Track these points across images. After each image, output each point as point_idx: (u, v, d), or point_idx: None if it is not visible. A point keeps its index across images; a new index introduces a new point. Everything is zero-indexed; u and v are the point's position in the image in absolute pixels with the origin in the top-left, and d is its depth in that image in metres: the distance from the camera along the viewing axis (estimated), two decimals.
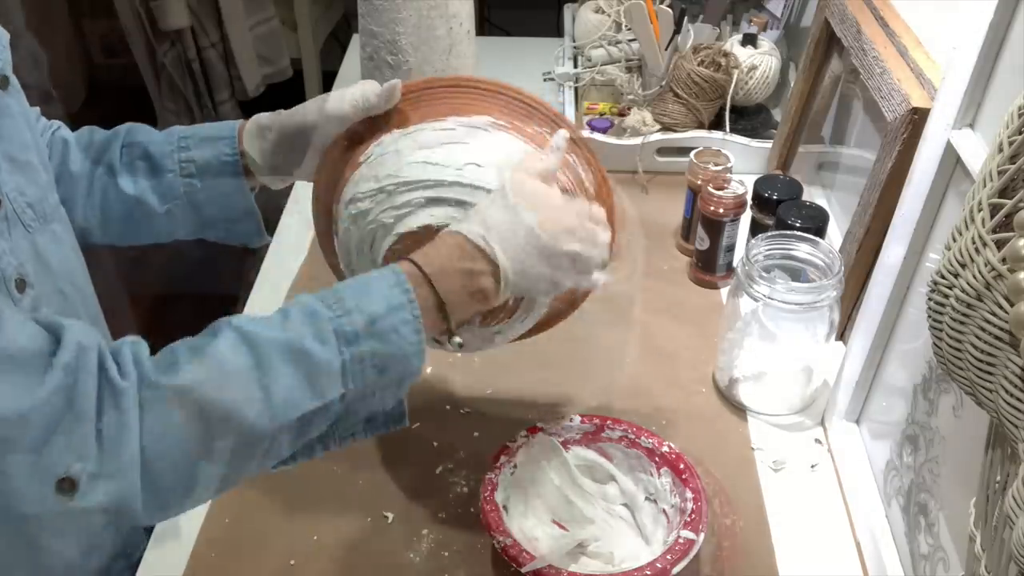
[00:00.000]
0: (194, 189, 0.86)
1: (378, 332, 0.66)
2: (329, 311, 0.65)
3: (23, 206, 0.73)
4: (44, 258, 0.74)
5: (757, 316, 0.95)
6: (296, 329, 0.64)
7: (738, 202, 1.13)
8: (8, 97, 0.72)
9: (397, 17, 1.14)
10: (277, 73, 2.74)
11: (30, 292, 0.71)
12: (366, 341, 0.65)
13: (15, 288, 0.69)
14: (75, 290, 0.78)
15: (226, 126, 0.87)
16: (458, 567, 0.85)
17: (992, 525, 0.57)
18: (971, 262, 0.57)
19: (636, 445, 0.88)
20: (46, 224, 0.75)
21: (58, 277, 0.76)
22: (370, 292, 0.67)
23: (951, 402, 0.74)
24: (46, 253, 0.75)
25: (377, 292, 0.67)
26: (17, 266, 0.70)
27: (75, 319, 0.76)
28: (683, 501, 0.83)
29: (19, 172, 0.73)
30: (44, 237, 0.75)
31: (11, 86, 0.73)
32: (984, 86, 0.73)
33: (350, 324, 0.65)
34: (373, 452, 0.96)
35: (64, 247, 0.78)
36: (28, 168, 0.74)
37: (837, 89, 1.29)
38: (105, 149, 0.87)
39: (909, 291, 0.85)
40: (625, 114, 1.43)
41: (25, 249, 0.72)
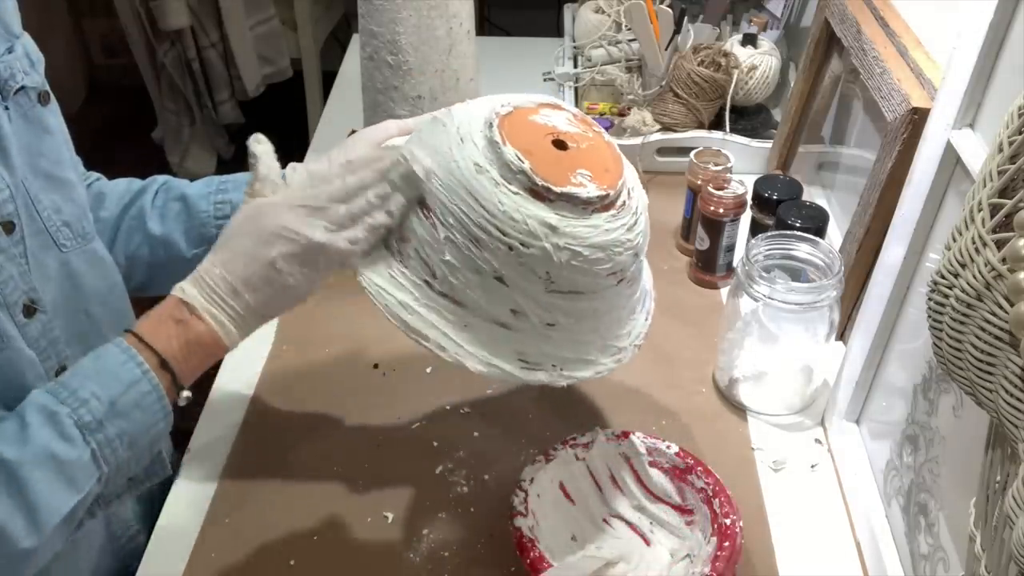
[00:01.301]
0: None
1: (120, 412, 0.65)
2: (65, 407, 0.64)
3: (59, 224, 0.72)
4: (76, 279, 0.74)
5: (757, 316, 0.95)
6: (38, 437, 0.63)
7: (738, 202, 1.13)
8: (48, 113, 0.72)
9: (397, 17, 1.14)
10: (277, 73, 2.75)
11: (41, 317, 0.71)
12: (111, 424, 0.65)
13: (22, 313, 0.69)
14: (107, 311, 0.77)
15: None
16: (458, 567, 0.85)
17: (992, 525, 0.57)
18: (971, 262, 0.57)
19: (708, 503, 0.84)
20: (84, 243, 0.75)
21: (88, 298, 0.75)
22: (102, 374, 0.66)
23: (951, 402, 0.74)
24: (79, 273, 0.74)
25: (109, 373, 0.66)
26: (27, 291, 0.69)
27: (99, 342, 0.76)
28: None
29: (56, 190, 0.72)
30: (80, 257, 0.74)
31: (51, 103, 0.73)
32: (984, 86, 0.73)
33: (89, 413, 0.64)
34: (373, 452, 0.96)
35: (104, 267, 0.78)
36: (67, 186, 0.73)
37: (837, 89, 1.29)
38: (140, 195, 0.87)
39: (909, 291, 0.85)
40: (625, 114, 1.43)
41: (51, 269, 0.72)
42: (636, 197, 0.72)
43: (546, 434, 0.97)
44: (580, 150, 0.71)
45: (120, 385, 0.65)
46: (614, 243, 0.69)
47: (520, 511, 0.82)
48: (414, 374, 1.05)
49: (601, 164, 0.70)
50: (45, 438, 0.63)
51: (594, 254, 0.68)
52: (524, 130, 0.69)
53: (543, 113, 0.72)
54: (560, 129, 0.71)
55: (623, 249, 0.70)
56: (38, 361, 0.70)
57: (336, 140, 0.88)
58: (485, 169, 0.67)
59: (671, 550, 0.85)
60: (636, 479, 0.89)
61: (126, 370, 0.66)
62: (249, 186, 0.72)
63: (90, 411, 0.64)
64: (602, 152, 0.72)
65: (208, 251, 0.78)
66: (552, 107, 0.74)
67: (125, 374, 0.66)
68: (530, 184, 0.66)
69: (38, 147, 0.71)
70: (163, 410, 0.67)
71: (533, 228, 0.66)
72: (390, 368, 1.05)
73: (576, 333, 0.72)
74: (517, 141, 0.68)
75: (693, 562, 0.82)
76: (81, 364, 0.67)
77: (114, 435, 0.65)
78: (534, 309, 0.70)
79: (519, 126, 0.69)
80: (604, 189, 0.68)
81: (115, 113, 3.11)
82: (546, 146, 0.70)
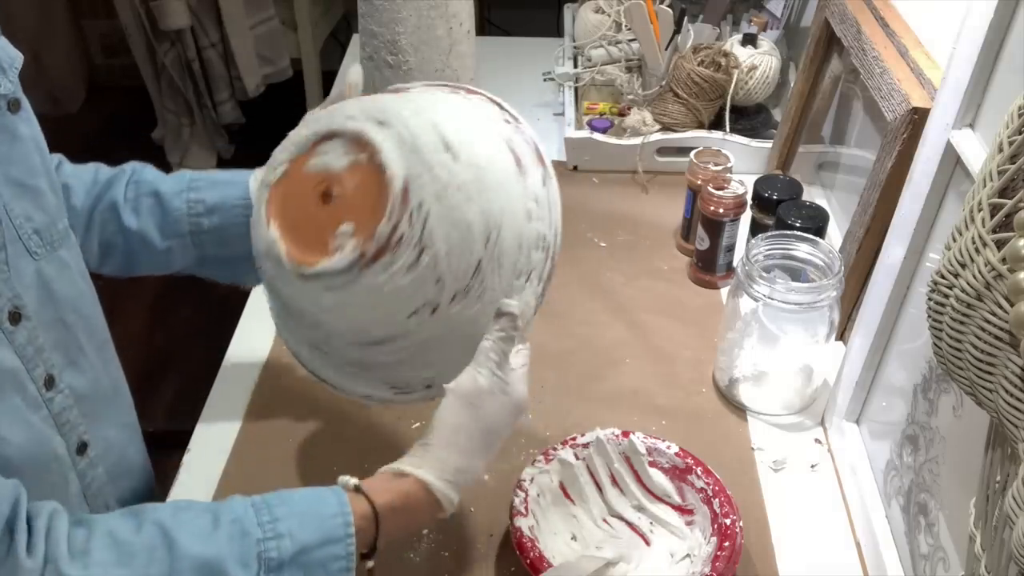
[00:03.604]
0: (199, 228, 0.87)
1: (304, 563, 0.64)
2: (259, 531, 0.64)
3: (29, 232, 0.72)
4: (49, 286, 0.74)
5: (757, 316, 0.95)
6: (221, 546, 0.62)
7: (738, 202, 1.13)
8: (18, 120, 0.72)
9: (397, 17, 1.14)
10: (277, 73, 2.75)
11: (26, 324, 0.70)
12: (289, 570, 0.64)
13: (8, 320, 0.69)
14: (80, 319, 0.77)
15: (239, 172, 0.89)
16: (458, 567, 0.85)
17: (992, 525, 0.57)
18: (971, 262, 0.57)
19: (708, 503, 0.84)
20: (53, 251, 0.75)
21: (62, 306, 0.75)
22: (308, 516, 0.65)
23: (951, 402, 0.74)
24: (51, 281, 0.74)
25: (315, 518, 0.65)
26: (12, 298, 0.69)
27: (76, 350, 0.76)
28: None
29: (27, 197, 0.72)
30: (51, 265, 0.74)
31: (22, 109, 0.72)
32: (984, 86, 0.73)
33: (277, 551, 0.64)
34: (374, 452, 0.96)
35: (71, 274, 0.77)
36: (36, 193, 0.73)
37: (837, 89, 1.29)
38: (109, 186, 0.88)
39: (909, 291, 0.85)
40: (625, 114, 1.43)
41: (28, 277, 0.72)
42: (423, 216, 0.65)
43: (546, 434, 0.97)
44: (344, 197, 0.68)
45: (319, 536, 0.65)
46: (392, 293, 0.66)
47: (520, 511, 0.82)
48: None
49: (368, 204, 0.66)
50: (226, 551, 0.62)
51: (373, 312, 0.68)
52: (293, 193, 0.71)
53: (319, 152, 0.70)
54: (330, 171, 0.69)
55: (409, 291, 0.66)
56: (25, 369, 0.70)
57: None
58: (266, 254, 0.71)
59: (671, 550, 0.85)
60: (636, 479, 0.89)
61: (332, 525, 0.65)
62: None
63: (279, 548, 0.64)
64: (369, 187, 0.66)
65: (180, 243, 0.87)
66: (327, 138, 0.70)
67: (330, 528, 0.65)
68: (289, 269, 0.69)
69: (7, 155, 0.70)
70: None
71: (307, 307, 0.70)
72: None
73: (429, 357, 0.71)
74: (285, 214, 0.71)
75: (693, 562, 0.82)
76: (294, 495, 0.67)
77: None
78: (369, 358, 0.72)
79: (290, 189, 0.71)
80: (360, 247, 0.65)
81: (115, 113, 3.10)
82: (311, 207, 0.69)
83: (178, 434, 1.00)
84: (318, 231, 0.68)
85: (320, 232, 0.68)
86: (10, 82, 0.71)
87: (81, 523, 0.62)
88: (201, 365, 1.20)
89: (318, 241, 0.68)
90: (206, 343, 1.25)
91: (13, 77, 0.71)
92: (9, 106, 0.71)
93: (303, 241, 0.69)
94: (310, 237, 0.68)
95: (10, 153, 0.70)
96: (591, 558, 0.81)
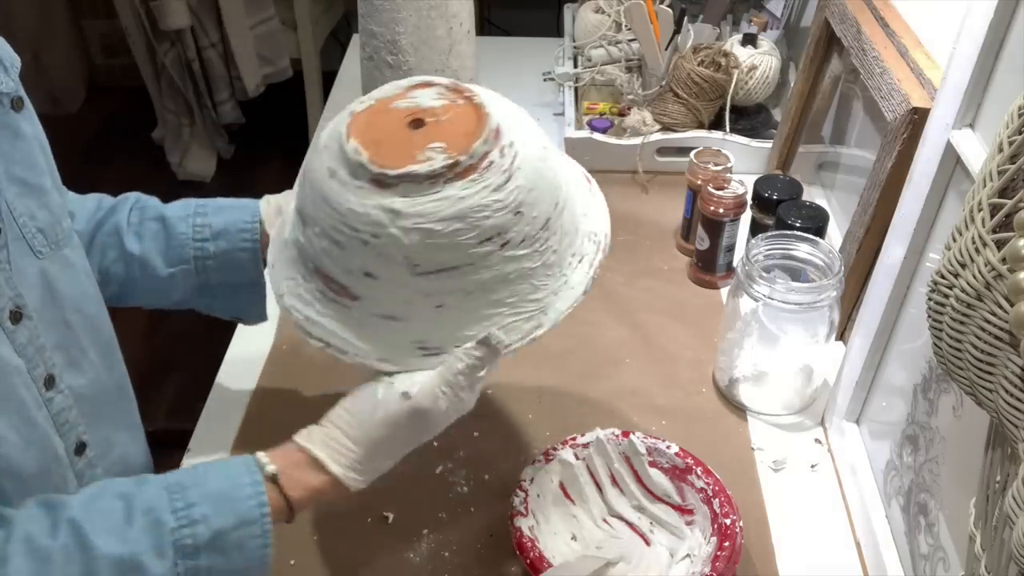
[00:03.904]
0: (204, 254, 0.86)
1: (221, 546, 0.65)
2: (173, 519, 0.64)
3: (33, 231, 0.72)
4: (52, 286, 0.74)
5: (757, 316, 0.95)
6: (135, 541, 0.63)
7: (738, 202, 1.13)
8: (21, 119, 0.72)
9: (397, 17, 1.14)
10: (277, 73, 2.75)
11: (27, 323, 0.70)
12: (207, 555, 0.64)
13: (9, 319, 0.68)
14: (84, 319, 0.77)
15: (248, 200, 0.89)
16: (458, 567, 0.85)
17: (992, 525, 0.57)
18: (971, 262, 0.57)
19: (708, 503, 0.84)
20: (58, 250, 0.75)
21: (65, 306, 0.75)
22: (223, 500, 0.65)
23: (951, 402, 0.74)
24: (55, 281, 0.74)
25: (229, 501, 0.65)
26: (13, 297, 0.69)
27: (78, 350, 0.76)
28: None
29: (30, 196, 0.72)
30: (55, 264, 0.74)
31: (25, 108, 0.72)
32: (984, 86, 0.73)
33: (192, 538, 0.64)
34: None
35: (76, 273, 0.77)
36: (40, 192, 0.73)
37: (837, 89, 1.29)
38: (113, 212, 0.87)
39: (909, 291, 0.85)
40: (625, 114, 1.43)
41: (31, 276, 0.72)
42: (514, 153, 0.68)
43: (546, 434, 0.97)
44: (438, 123, 0.70)
45: (234, 519, 0.65)
46: (473, 209, 0.66)
47: (520, 511, 0.82)
48: None
49: (462, 130, 0.68)
50: (142, 546, 0.63)
51: (449, 226, 0.66)
52: (380, 120, 0.70)
53: (409, 96, 0.72)
54: (423, 106, 0.71)
55: (490, 212, 0.66)
56: (25, 369, 0.70)
57: None
58: (335, 171, 0.68)
59: (671, 550, 0.85)
60: (636, 479, 0.89)
61: (247, 507, 0.66)
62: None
63: (195, 535, 0.64)
64: (464, 119, 0.70)
65: (184, 270, 0.85)
66: (422, 86, 0.73)
67: (244, 510, 0.66)
68: (370, 175, 0.67)
69: (11, 153, 0.70)
70: (262, 558, 0.67)
71: (377, 218, 0.66)
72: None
73: (470, 310, 0.70)
74: (367, 134, 0.69)
75: (693, 562, 0.82)
76: (209, 474, 0.67)
77: (204, 567, 0.65)
78: (412, 296, 0.69)
79: (375, 117, 0.71)
80: (452, 157, 0.66)
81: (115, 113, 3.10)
82: (400, 130, 0.70)
83: (178, 434, 1.00)
84: (405, 147, 0.68)
85: (407, 148, 0.68)
86: (12, 80, 0.71)
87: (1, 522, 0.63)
88: (201, 365, 1.20)
89: (404, 155, 0.67)
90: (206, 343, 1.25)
91: (15, 76, 0.71)
92: (12, 104, 0.71)
93: (387, 153, 0.67)
94: (395, 151, 0.67)
95: (13, 151, 0.70)
96: (591, 558, 0.81)
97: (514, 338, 0.70)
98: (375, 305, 0.70)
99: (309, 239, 0.71)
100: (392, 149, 0.67)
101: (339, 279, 0.70)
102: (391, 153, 0.67)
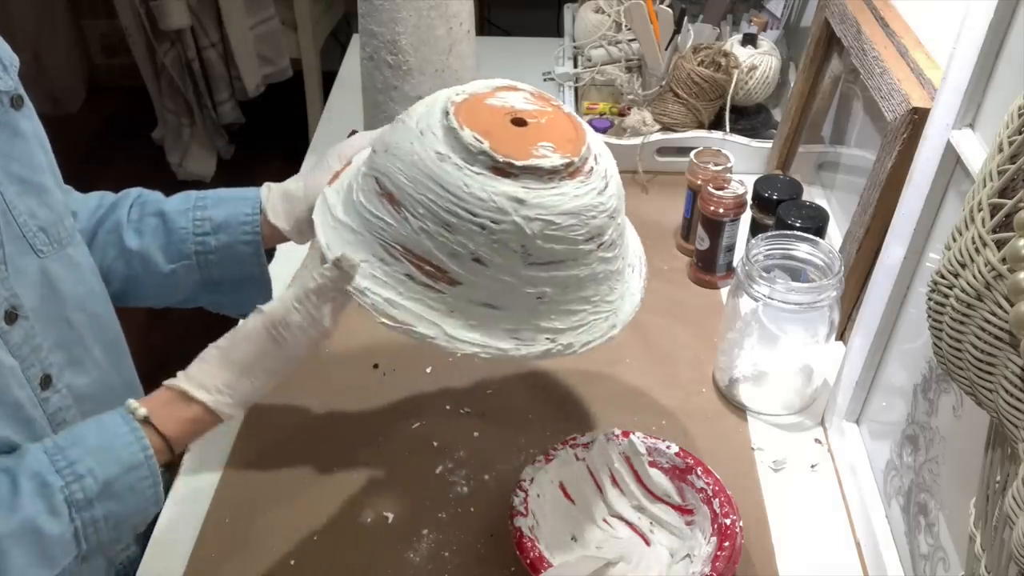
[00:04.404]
0: (206, 248, 0.85)
1: (113, 494, 0.66)
2: (59, 478, 0.64)
3: (34, 230, 0.72)
4: (54, 285, 0.74)
5: (757, 316, 0.95)
6: (26, 508, 0.63)
7: (738, 202, 1.13)
8: (21, 117, 0.72)
9: (397, 17, 1.14)
10: (277, 73, 2.75)
11: (23, 323, 0.70)
12: (100, 504, 0.65)
13: (3, 320, 0.69)
14: (87, 318, 0.77)
15: (248, 190, 0.88)
16: (458, 567, 0.85)
17: (992, 525, 0.57)
18: (971, 262, 0.57)
19: (708, 503, 0.84)
20: (60, 249, 0.75)
21: (67, 304, 0.75)
22: (103, 452, 0.66)
23: (951, 402, 0.74)
24: (57, 280, 0.74)
25: (111, 452, 0.66)
26: (8, 297, 0.69)
27: (80, 349, 0.76)
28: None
29: (31, 194, 0.72)
30: (57, 263, 0.74)
31: (25, 107, 0.72)
32: (984, 86, 0.73)
33: (82, 490, 0.65)
34: (373, 452, 0.96)
35: (80, 272, 0.77)
36: (41, 191, 0.73)
37: (837, 89, 1.29)
38: (113, 208, 0.86)
39: (909, 291, 0.85)
40: (625, 114, 1.43)
41: (31, 275, 0.72)
42: (604, 162, 0.73)
43: (546, 434, 0.97)
44: (540, 125, 0.72)
45: (119, 467, 0.66)
46: (586, 208, 0.70)
47: (520, 511, 0.82)
48: (414, 374, 1.05)
49: (563, 135, 0.72)
50: (33, 511, 0.63)
51: (567, 221, 0.69)
52: (481, 113, 0.71)
53: (499, 96, 0.74)
54: (518, 108, 0.73)
55: (596, 213, 0.70)
56: (19, 369, 0.70)
57: (336, 140, 0.89)
58: (447, 156, 0.68)
59: (671, 550, 0.85)
60: (636, 479, 0.89)
61: (129, 453, 0.67)
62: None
63: (83, 488, 0.65)
64: (562, 124, 0.73)
65: (185, 266, 0.84)
66: (508, 89, 0.75)
67: (127, 456, 0.67)
68: (492, 163, 0.67)
69: (10, 152, 0.70)
70: (155, 496, 0.68)
71: (501, 204, 0.67)
72: (390, 368, 1.05)
73: (564, 304, 0.72)
74: (475, 124, 0.69)
75: (693, 562, 0.82)
76: (85, 431, 0.68)
77: (101, 516, 0.66)
78: (517, 285, 0.70)
79: (476, 110, 0.71)
80: (568, 157, 0.69)
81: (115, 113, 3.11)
82: (505, 125, 0.71)
83: None
84: (517, 142, 0.70)
85: (519, 143, 0.69)
86: (11, 79, 0.71)
87: None
88: None
89: (520, 149, 0.69)
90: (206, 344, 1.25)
91: (14, 75, 0.71)
92: (12, 102, 0.71)
93: (503, 144, 0.69)
94: (508, 144, 0.69)
95: (12, 149, 0.70)
96: (591, 558, 0.81)
97: (595, 335, 0.75)
98: (476, 291, 0.70)
99: (400, 221, 0.70)
100: (505, 142, 0.69)
101: (439, 263, 0.69)
102: (506, 145, 0.69)
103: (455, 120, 0.69)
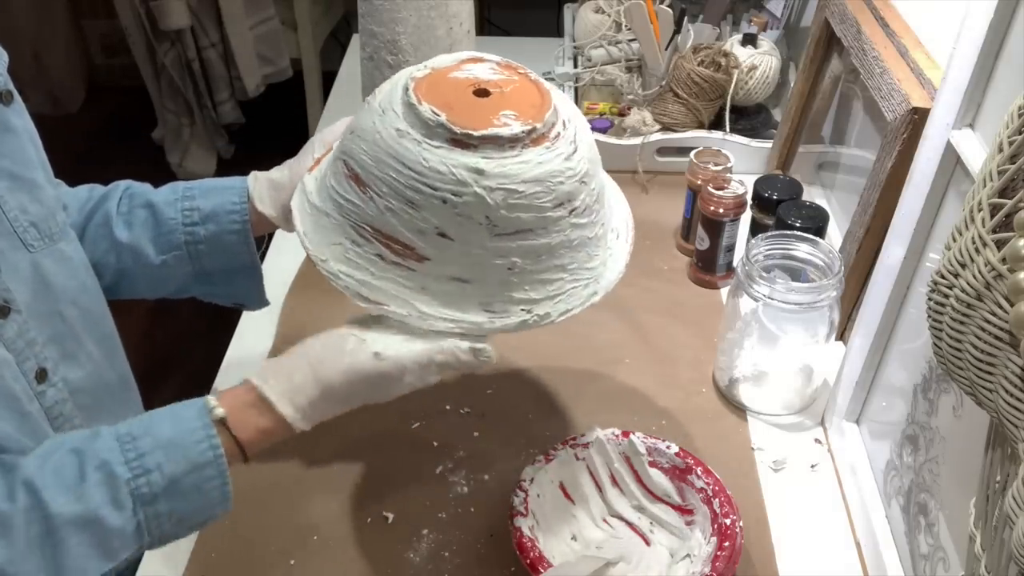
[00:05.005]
0: (196, 238, 0.85)
1: (179, 491, 0.65)
2: (127, 470, 0.64)
3: (25, 225, 0.72)
4: (46, 279, 0.74)
5: (757, 316, 0.95)
6: (91, 496, 0.63)
7: (738, 202, 1.13)
8: (10, 113, 0.71)
9: (397, 17, 1.14)
10: (277, 73, 2.75)
11: (16, 318, 0.70)
12: (165, 500, 0.65)
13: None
14: (80, 312, 0.77)
15: (235, 179, 0.88)
16: (458, 567, 0.85)
17: (992, 525, 0.57)
18: (971, 262, 0.57)
19: (708, 503, 0.84)
20: (52, 244, 0.74)
21: (59, 299, 0.75)
22: (174, 447, 0.65)
23: (951, 402, 0.74)
24: (49, 274, 0.74)
25: (180, 448, 0.66)
26: (1, 291, 0.69)
27: (74, 343, 0.76)
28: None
29: (22, 190, 0.72)
30: (49, 257, 0.74)
31: (15, 102, 0.72)
32: (984, 86, 0.73)
33: (148, 486, 0.64)
34: (373, 452, 0.96)
35: (73, 267, 0.77)
36: (32, 186, 0.73)
37: (837, 89, 1.29)
38: (103, 201, 0.86)
39: (909, 291, 0.85)
40: (625, 114, 1.43)
41: (23, 270, 0.71)
42: (573, 127, 0.72)
43: (546, 434, 0.97)
44: (503, 94, 0.72)
45: (187, 465, 0.66)
46: (551, 174, 0.69)
47: (520, 511, 0.82)
48: None
49: (527, 102, 0.71)
50: (97, 500, 0.63)
51: (531, 188, 0.68)
52: (442, 87, 0.71)
53: (465, 68, 0.74)
54: (482, 79, 0.73)
55: (564, 178, 0.69)
56: (15, 363, 0.70)
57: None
58: (406, 132, 0.68)
59: (671, 550, 0.85)
60: (636, 479, 0.89)
61: (199, 451, 0.66)
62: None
63: (149, 483, 0.64)
64: (527, 91, 0.72)
65: (176, 256, 0.83)
66: (474, 60, 0.75)
67: (196, 455, 0.66)
68: (450, 135, 0.67)
69: (0, 147, 0.70)
70: (222, 496, 0.68)
71: (461, 176, 0.67)
72: None
73: (538, 273, 0.72)
74: (434, 99, 0.69)
75: (693, 562, 0.82)
76: (159, 421, 0.67)
77: (165, 511, 0.65)
78: (485, 257, 0.70)
79: (437, 84, 0.72)
80: (530, 124, 0.68)
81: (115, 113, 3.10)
82: (466, 97, 0.71)
83: None
84: (477, 113, 0.69)
85: (480, 113, 0.69)
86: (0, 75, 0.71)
87: None
88: (201, 365, 1.20)
89: (480, 119, 0.69)
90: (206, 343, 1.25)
91: (2, 70, 0.71)
92: (1, 98, 0.71)
93: (463, 116, 0.68)
94: (468, 116, 0.69)
95: (3, 145, 0.71)
96: (591, 558, 0.81)
97: (574, 303, 0.73)
98: (445, 266, 0.70)
99: (367, 201, 0.70)
100: (465, 113, 0.69)
101: (407, 240, 0.69)
102: (465, 117, 0.68)
103: (414, 95, 0.69)
